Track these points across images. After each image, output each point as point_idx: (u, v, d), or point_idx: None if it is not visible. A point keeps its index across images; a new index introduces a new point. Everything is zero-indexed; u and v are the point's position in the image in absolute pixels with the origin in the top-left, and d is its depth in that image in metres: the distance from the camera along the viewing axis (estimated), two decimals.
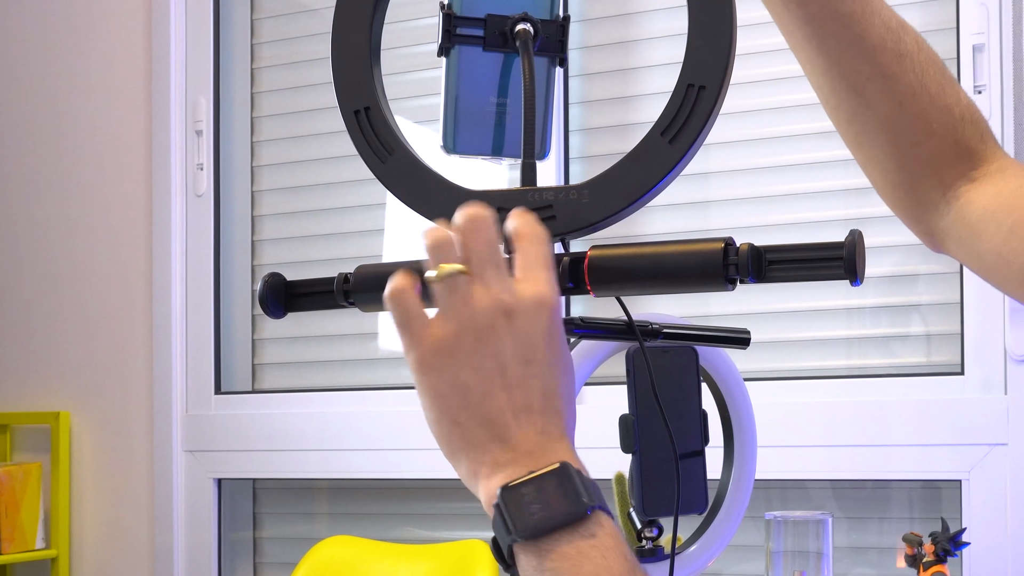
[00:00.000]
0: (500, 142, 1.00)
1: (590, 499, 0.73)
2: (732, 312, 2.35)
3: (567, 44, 0.99)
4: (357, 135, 0.95)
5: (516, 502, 0.73)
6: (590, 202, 0.88)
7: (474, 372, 0.76)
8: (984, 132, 1.01)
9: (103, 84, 2.86)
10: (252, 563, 2.80)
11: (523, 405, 0.76)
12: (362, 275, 0.95)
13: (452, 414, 0.77)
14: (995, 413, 2.10)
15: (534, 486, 0.73)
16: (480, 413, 0.76)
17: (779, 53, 2.33)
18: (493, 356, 0.76)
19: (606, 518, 0.74)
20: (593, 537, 0.73)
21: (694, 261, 0.84)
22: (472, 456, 0.77)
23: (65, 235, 2.89)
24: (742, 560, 2.30)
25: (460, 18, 0.98)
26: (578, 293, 0.87)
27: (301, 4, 2.82)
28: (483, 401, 0.76)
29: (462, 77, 0.99)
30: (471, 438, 0.77)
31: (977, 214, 0.98)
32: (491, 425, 0.76)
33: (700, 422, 1.26)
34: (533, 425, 0.76)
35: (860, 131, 1.02)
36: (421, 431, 0.86)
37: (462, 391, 0.76)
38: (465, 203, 0.80)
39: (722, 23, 0.86)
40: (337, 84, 0.97)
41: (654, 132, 0.87)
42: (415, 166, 0.94)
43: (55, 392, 2.89)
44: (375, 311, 0.94)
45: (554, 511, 0.72)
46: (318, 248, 2.76)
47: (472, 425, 0.76)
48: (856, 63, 0.99)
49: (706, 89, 0.86)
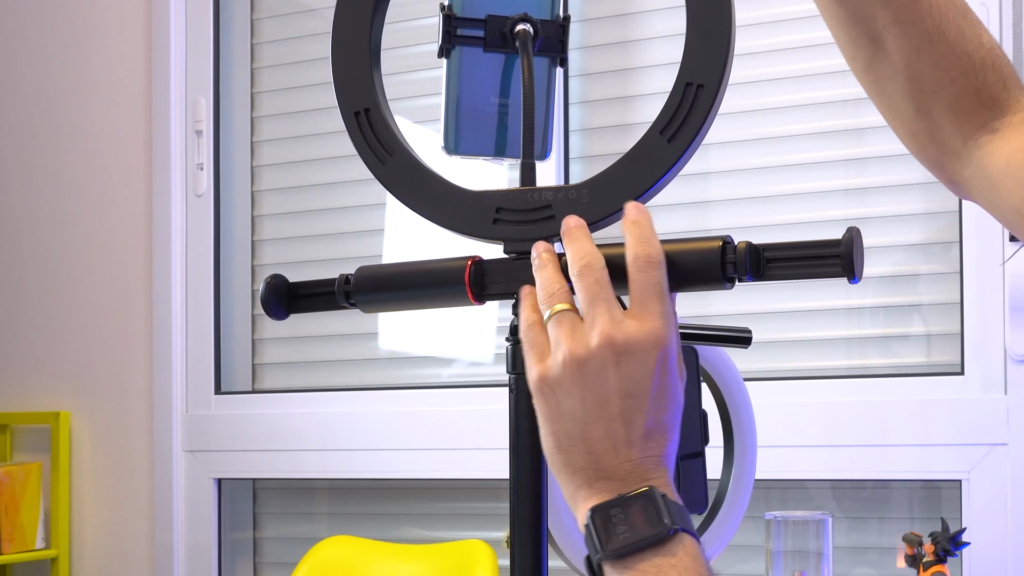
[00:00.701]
0: (502, 143, 1.00)
1: (672, 521, 0.77)
2: (732, 312, 2.35)
3: (567, 44, 0.99)
4: (357, 136, 0.96)
5: (604, 522, 0.78)
6: (589, 202, 0.88)
7: (578, 403, 0.80)
8: (1008, 79, 0.98)
9: (103, 84, 2.86)
10: (252, 563, 2.80)
11: (624, 437, 0.80)
12: (363, 277, 0.95)
13: (557, 439, 0.81)
14: (995, 413, 2.10)
15: (621, 508, 0.78)
16: (581, 441, 0.80)
17: (779, 53, 2.33)
18: (595, 389, 0.80)
19: (689, 540, 0.78)
20: (673, 556, 0.77)
21: (692, 259, 0.84)
22: (573, 479, 0.81)
23: (65, 235, 2.89)
24: (742, 560, 2.30)
25: (460, 19, 0.98)
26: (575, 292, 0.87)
27: (301, 4, 2.82)
28: (584, 430, 0.80)
29: (463, 78, 0.99)
30: (572, 463, 0.81)
31: (998, 168, 0.96)
32: (590, 454, 0.80)
33: (700, 422, 1.26)
34: (631, 456, 0.80)
35: (878, 79, 1.00)
36: (421, 431, 0.87)
37: (567, 419, 0.81)
38: (568, 226, 0.84)
39: (720, 22, 0.86)
40: (337, 86, 0.97)
41: (653, 131, 0.87)
42: (415, 167, 0.94)
43: (55, 392, 2.89)
44: (376, 312, 0.94)
45: (639, 532, 0.77)
46: (318, 248, 2.76)
47: (574, 452, 0.81)
48: (872, 9, 0.97)
49: (704, 88, 0.85)
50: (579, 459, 0.81)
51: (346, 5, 0.97)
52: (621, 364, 0.80)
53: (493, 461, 2.34)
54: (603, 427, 0.80)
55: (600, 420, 0.80)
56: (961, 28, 0.97)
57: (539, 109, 0.99)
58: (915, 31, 0.97)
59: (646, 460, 0.80)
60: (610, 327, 0.80)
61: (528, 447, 0.92)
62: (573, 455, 0.81)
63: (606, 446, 0.80)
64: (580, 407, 0.80)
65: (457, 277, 0.91)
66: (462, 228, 0.92)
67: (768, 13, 2.34)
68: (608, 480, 0.80)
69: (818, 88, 2.30)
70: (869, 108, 2.25)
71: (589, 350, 0.80)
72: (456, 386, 2.56)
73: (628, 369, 0.80)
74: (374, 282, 0.95)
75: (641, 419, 0.80)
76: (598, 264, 0.83)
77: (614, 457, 0.80)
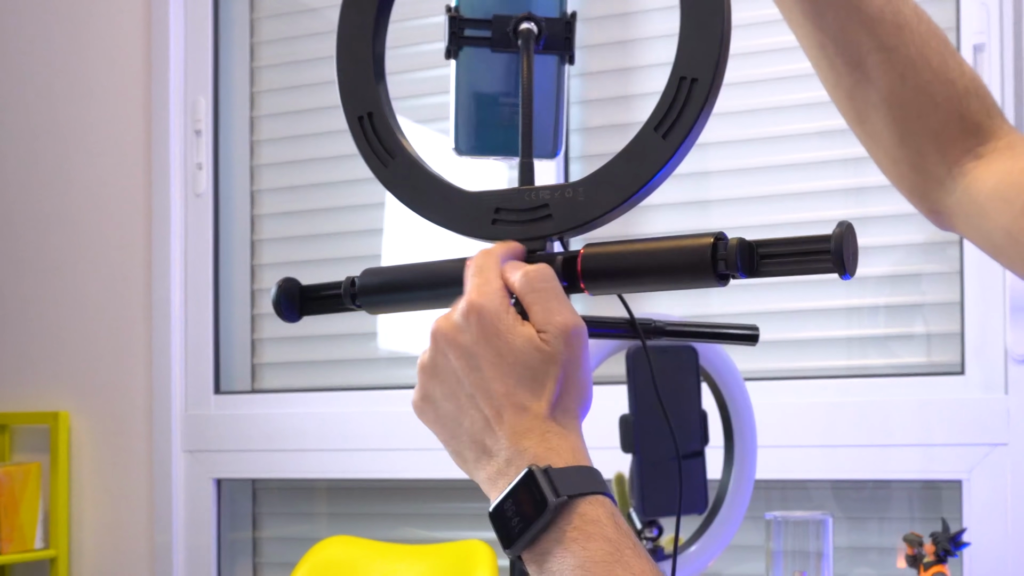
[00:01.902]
0: (513, 142, 1.00)
1: (557, 493, 0.76)
2: (732, 312, 2.35)
3: (574, 41, 0.99)
4: (361, 140, 0.96)
5: (501, 523, 0.77)
6: (585, 200, 0.88)
7: (445, 399, 0.81)
8: (991, 107, 0.98)
9: (103, 84, 2.86)
10: (252, 563, 2.80)
11: (493, 413, 0.79)
12: (368, 279, 0.96)
13: (450, 446, 0.83)
14: (995, 413, 2.10)
15: (511, 501, 0.77)
16: (464, 435, 0.81)
17: (779, 53, 2.33)
18: (450, 376, 0.81)
19: (585, 503, 0.76)
20: (575, 530, 0.75)
21: (684, 256, 0.83)
22: (476, 475, 0.81)
23: (65, 235, 2.89)
24: (742, 560, 2.30)
25: (467, 20, 0.97)
26: (572, 292, 0.86)
27: (301, 4, 2.82)
28: (461, 421, 0.81)
29: (471, 79, 0.99)
30: (467, 459, 0.82)
31: (986, 192, 0.96)
32: (474, 444, 0.80)
33: (700, 422, 1.26)
34: (504, 429, 0.79)
35: (861, 107, 1.00)
36: (421, 431, 0.87)
37: (444, 420, 0.82)
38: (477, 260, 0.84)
39: (713, 14, 0.85)
40: (342, 90, 0.97)
41: (647, 127, 0.86)
42: (416, 169, 0.94)
43: (55, 392, 2.89)
44: (381, 313, 0.95)
45: (529, 520, 0.76)
46: (318, 248, 2.75)
47: (463, 449, 0.81)
48: (855, 35, 0.97)
49: (698, 82, 0.85)
50: (469, 454, 0.81)
51: (350, 10, 0.98)
52: (455, 346, 0.80)
53: None
54: (473, 411, 0.80)
55: (469, 406, 0.80)
56: (943, 56, 0.97)
57: (548, 107, 0.99)
58: (899, 57, 0.97)
59: (518, 426, 0.79)
60: (443, 324, 0.82)
61: None
62: (463, 453, 0.81)
63: (484, 429, 0.80)
64: (449, 402, 0.81)
65: (461, 278, 0.91)
66: (462, 229, 0.92)
67: (768, 13, 2.34)
68: (497, 463, 0.79)
69: (818, 88, 2.28)
70: None
71: (433, 349, 0.82)
72: None
73: (462, 346, 0.80)
74: (379, 284, 0.96)
75: (497, 385, 0.79)
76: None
77: (492, 439, 0.79)
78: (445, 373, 0.81)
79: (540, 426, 0.79)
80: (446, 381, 0.81)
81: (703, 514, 1.31)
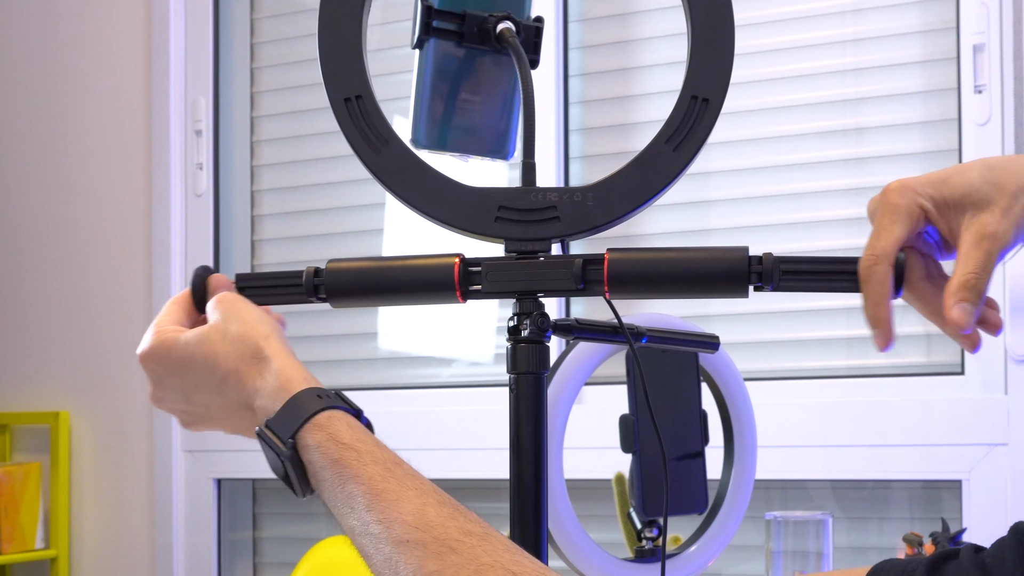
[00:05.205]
0: (471, 140, 1.00)
1: (283, 441, 0.91)
2: (733, 312, 2.35)
3: (540, 46, 0.99)
4: (348, 124, 0.93)
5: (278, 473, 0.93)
6: (595, 205, 0.88)
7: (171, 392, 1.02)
8: None
9: (103, 84, 2.86)
10: (252, 563, 2.80)
11: (202, 403, 0.97)
12: (337, 271, 0.95)
13: (203, 424, 1.00)
14: (995, 413, 2.10)
15: (270, 458, 0.93)
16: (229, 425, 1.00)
17: (779, 53, 2.33)
18: (162, 383, 1.02)
19: (307, 433, 0.92)
20: (312, 465, 0.93)
21: (720, 268, 0.85)
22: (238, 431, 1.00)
23: (65, 235, 2.89)
24: (742, 560, 2.30)
25: (438, 11, 0.97)
26: (587, 295, 0.87)
27: (301, 4, 2.82)
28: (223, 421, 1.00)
29: (435, 72, 0.98)
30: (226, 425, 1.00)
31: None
32: (198, 422, 1.00)
33: (700, 422, 1.26)
34: (212, 408, 0.97)
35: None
36: (421, 431, 0.87)
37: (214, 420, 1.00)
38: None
39: (724, 37, 0.87)
40: (325, 72, 0.95)
41: (659, 140, 0.88)
42: (411, 159, 0.92)
43: (55, 392, 2.89)
44: (347, 307, 0.95)
45: (282, 475, 0.93)
46: (318, 248, 2.75)
47: (243, 432, 0.99)
48: None
49: (709, 102, 0.87)
50: (248, 434, 0.99)
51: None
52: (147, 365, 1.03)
53: (493, 461, 2.33)
54: (183, 404, 1.02)
55: (180, 400, 1.02)
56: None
57: (505, 108, 0.99)
58: None
59: (224, 398, 0.97)
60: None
61: (529, 447, 0.92)
62: (218, 424, 1.02)
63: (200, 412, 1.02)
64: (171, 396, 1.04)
65: (444, 275, 0.91)
66: (461, 225, 0.91)
67: (768, 13, 2.34)
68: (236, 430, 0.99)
69: (818, 88, 2.30)
70: (869, 108, 2.25)
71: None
72: (456, 386, 2.55)
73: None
74: (351, 277, 0.95)
75: (175, 381, 1.00)
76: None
77: (207, 424, 1.02)
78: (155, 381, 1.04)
79: (242, 393, 0.97)
80: (166, 385, 1.03)
81: (703, 514, 1.31)
